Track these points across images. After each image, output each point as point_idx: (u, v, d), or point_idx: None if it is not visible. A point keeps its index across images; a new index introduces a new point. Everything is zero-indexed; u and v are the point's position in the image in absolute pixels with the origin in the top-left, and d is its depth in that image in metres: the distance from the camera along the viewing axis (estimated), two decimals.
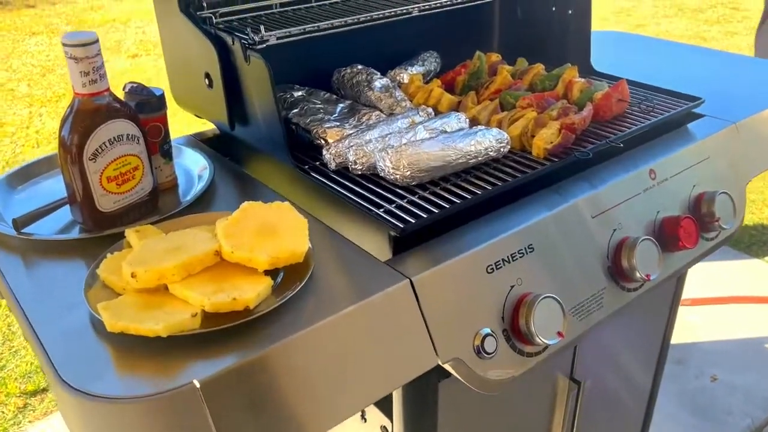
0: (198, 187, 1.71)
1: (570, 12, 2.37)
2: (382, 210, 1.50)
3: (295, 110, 1.87)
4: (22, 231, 1.46)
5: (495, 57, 2.26)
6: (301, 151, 1.80)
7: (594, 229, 1.66)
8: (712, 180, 1.94)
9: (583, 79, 2.03)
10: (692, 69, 2.63)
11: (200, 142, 2.03)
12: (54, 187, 1.69)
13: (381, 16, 1.96)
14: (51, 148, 6.23)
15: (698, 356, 3.43)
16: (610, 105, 1.93)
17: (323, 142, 1.76)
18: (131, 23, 10.21)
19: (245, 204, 1.37)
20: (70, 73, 1.35)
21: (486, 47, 2.67)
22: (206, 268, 1.18)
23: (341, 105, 1.95)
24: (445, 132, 1.73)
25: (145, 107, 1.59)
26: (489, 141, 1.66)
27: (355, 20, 1.89)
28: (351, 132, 1.75)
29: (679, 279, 2.33)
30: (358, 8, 2.03)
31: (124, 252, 1.33)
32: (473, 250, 1.42)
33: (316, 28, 1.82)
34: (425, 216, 1.46)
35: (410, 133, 1.68)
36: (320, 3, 2.06)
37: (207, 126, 2.11)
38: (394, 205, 1.52)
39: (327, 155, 1.65)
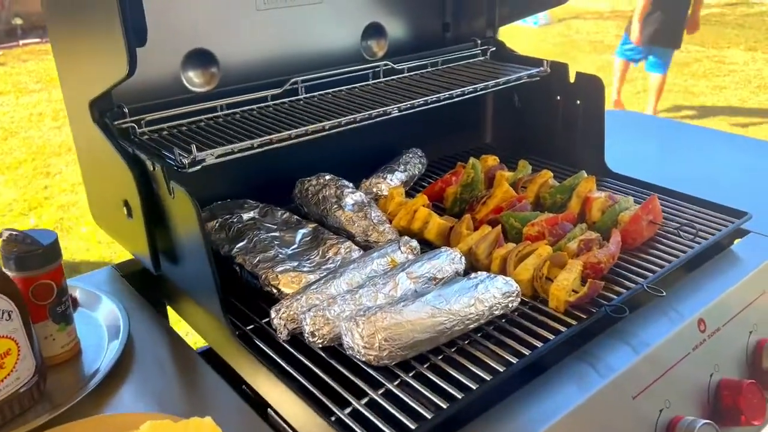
0: (107, 358, 1.28)
1: (578, 102, 2.01)
2: (347, 411, 1.07)
3: (242, 243, 1.46)
4: None
5: (492, 161, 1.87)
6: (248, 299, 1.38)
7: (637, 412, 1.24)
8: None
9: (602, 194, 1.64)
10: (724, 164, 2.26)
11: (123, 277, 1.60)
12: None
13: (352, 120, 1.57)
14: (7, 220, 5.76)
15: None
16: (641, 230, 1.54)
17: (275, 290, 1.34)
18: None
19: (146, 426, 0.94)
20: None
21: (476, 140, 2.30)
22: None
23: (302, 231, 1.54)
24: (435, 280, 1.32)
25: (28, 262, 1.17)
26: (493, 297, 1.25)
27: (319, 128, 1.50)
28: (311, 279, 1.34)
29: None
30: (323, 106, 1.65)
31: None
32: None
33: (268, 141, 1.42)
34: (412, 426, 1.03)
35: (388, 285, 1.27)
36: (277, 102, 1.66)
37: None
38: (365, 401, 1.09)
39: (276, 320, 1.23)
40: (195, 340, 1.64)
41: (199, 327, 1.42)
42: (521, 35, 11.26)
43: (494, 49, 2.12)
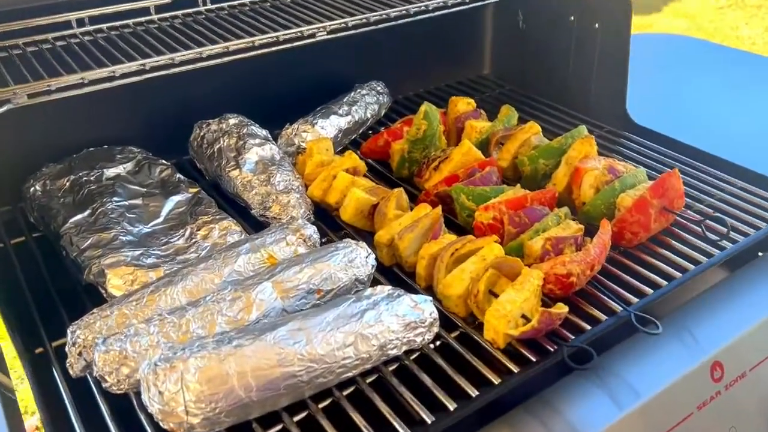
0: None
1: (597, 25, 1.49)
2: None
3: (81, 215, 1.07)
4: None
5: (464, 104, 1.40)
6: (71, 299, 1.01)
7: None
8: None
9: (601, 162, 1.16)
10: None
11: None
12: None
13: (272, 41, 1.12)
14: None
15: None
16: (647, 220, 1.07)
17: (103, 291, 0.97)
18: None
19: None
20: None
21: (469, 70, 1.80)
22: None
23: (176, 199, 1.14)
24: (320, 293, 0.91)
25: None
26: (389, 330, 0.84)
27: (220, 51, 1.06)
28: (151, 280, 0.95)
29: None
30: (237, 22, 1.20)
31: None
32: None
33: (139, 69, 1.00)
34: None
35: (240, 300, 0.86)
36: (165, 16, 1.22)
37: None
38: None
39: (69, 347, 0.85)
40: None
41: None
42: None
43: None
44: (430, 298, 0.91)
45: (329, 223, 1.17)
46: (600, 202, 1.11)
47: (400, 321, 0.85)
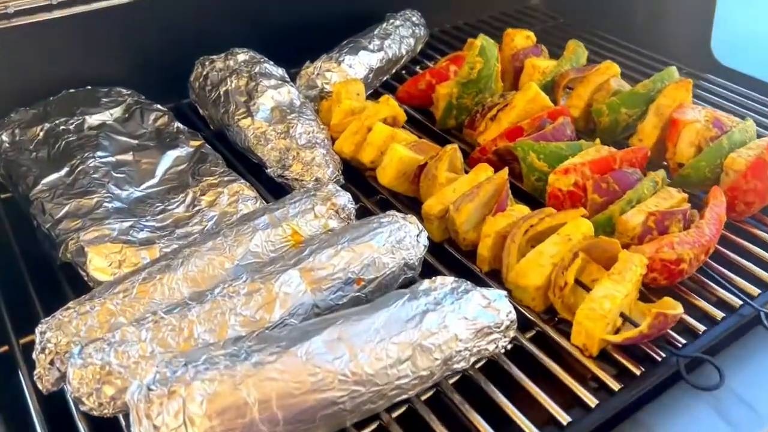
0: None
1: None
2: None
3: (57, 173, 0.86)
4: None
5: (523, 39, 1.15)
6: (45, 279, 0.81)
7: None
8: None
9: (701, 112, 0.93)
10: None
11: None
12: None
13: None
14: None
15: None
16: (764, 189, 0.85)
17: (83, 273, 0.76)
18: None
19: None
20: None
21: (515, 0, 1.55)
22: None
23: (175, 153, 0.93)
24: (360, 283, 0.70)
25: None
26: (456, 339, 0.64)
27: None
28: (143, 262, 0.75)
29: None
30: None
31: None
32: None
33: None
34: None
35: (259, 294, 0.66)
36: None
37: None
38: None
39: (37, 353, 0.65)
40: None
41: None
42: None
43: None
44: (504, 292, 0.70)
45: (361, 186, 0.96)
46: (704, 164, 0.88)
47: (469, 326, 0.65)
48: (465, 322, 0.65)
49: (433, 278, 0.69)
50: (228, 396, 0.56)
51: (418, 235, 0.76)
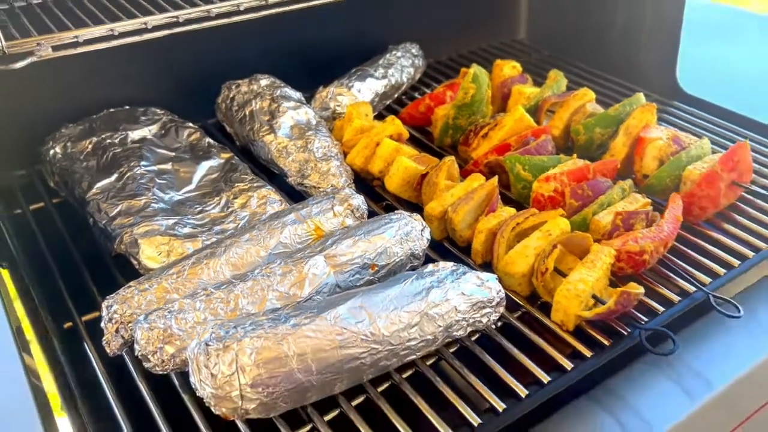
0: None
1: None
2: None
3: (108, 179, 0.99)
4: None
5: (510, 69, 1.31)
6: (98, 270, 0.93)
7: None
8: None
9: (664, 132, 1.09)
10: None
11: None
12: None
13: None
14: None
15: None
16: (716, 194, 1.00)
17: (135, 263, 0.89)
18: None
19: None
20: None
21: (503, 34, 1.71)
22: None
23: (209, 164, 1.06)
24: (375, 268, 0.83)
25: None
26: (456, 310, 0.77)
27: (259, 3, 0.98)
28: (188, 251, 0.88)
29: None
30: None
31: None
32: None
33: (172, 20, 0.92)
34: None
35: (291, 275, 0.79)
36: None
37: None
38: None
39: (105, 323, 0.78)
40: None
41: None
42: None
43: None
44: (495, 275, 0.83)
45: (369, 193, 1.10)
46: (665, 175, 1.03)
47: (466, 300, 0.78)
48: (463, 297, 0.78)
49: (436, 262, 0.83)
50: (272, 350, 0.68)
51: (422, 230, 0.89)
